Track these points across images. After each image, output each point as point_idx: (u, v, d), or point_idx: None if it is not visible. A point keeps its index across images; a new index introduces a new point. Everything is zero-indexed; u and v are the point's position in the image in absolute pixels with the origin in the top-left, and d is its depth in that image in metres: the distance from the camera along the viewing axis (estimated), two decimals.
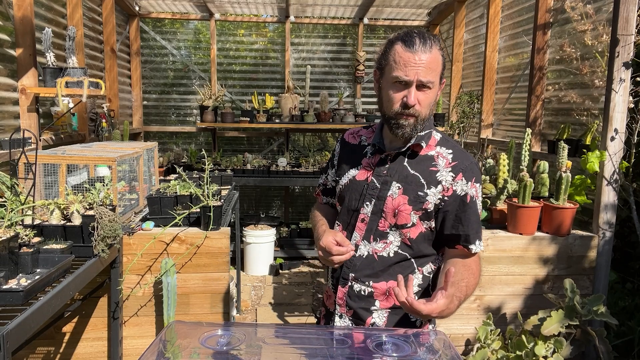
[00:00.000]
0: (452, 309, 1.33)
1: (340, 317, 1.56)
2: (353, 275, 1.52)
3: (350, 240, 1.53)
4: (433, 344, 1.39)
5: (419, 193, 1.44)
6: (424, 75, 1.36)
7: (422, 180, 1.46)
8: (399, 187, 1.46)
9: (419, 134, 1.48)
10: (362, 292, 1.51)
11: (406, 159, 1.49)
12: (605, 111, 2.68)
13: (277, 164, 5.26)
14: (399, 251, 1.48)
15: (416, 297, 1.49)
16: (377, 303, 1.50)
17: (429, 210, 1.45)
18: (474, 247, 1.46)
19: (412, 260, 1.50)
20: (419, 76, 1.36)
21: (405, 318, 1.51)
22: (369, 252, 1.50)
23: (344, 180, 1.59)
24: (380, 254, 1.49)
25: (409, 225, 1.46)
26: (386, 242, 1.49)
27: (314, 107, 5.48)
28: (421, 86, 1.38)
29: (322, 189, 1.76)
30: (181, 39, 5.94)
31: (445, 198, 1.44)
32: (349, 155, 1.63)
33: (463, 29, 5.13)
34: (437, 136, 1.53)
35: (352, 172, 1.58)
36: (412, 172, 1.47)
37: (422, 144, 1.48)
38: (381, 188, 1.49)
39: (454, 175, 1.45)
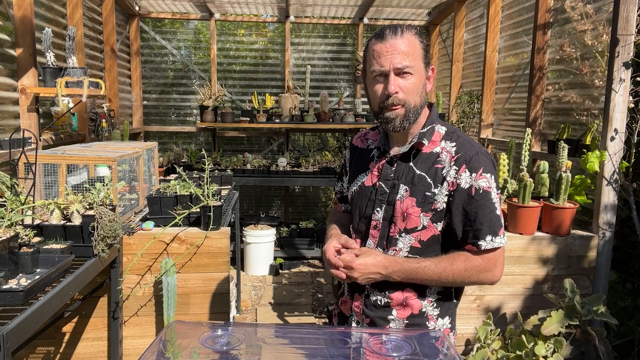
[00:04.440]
0: (407, 273, 1.38)
1: (357, 323, 1.53)
2: (369, 285, 1.47)
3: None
4: (433, 344, 1.39)
5: (427, 193, 1.39)
6: (399, 60, 1.33)
7: (429, 179, 1.40)
8: (406, 189, 1.41)
9: (420, 131, 1.44)
10: (379, 302, 1.47)
11: (412, 159, 1.44)
12: (605, 111, 2.68)
13: (277, 164, 5.26)
14: (409, 255, 1.43)
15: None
16: (394, 312, 1.46)
17: (439, 210, 1.39)
18: (483, 244, 1.35)
19: None
20: (394, 63, 1.33)
21: (424, 328, 1.46)
22: None
23: (354, 187, 1.55)
24: None
25: (419, 228, 1.41)
26: (396, 250, 1.44)
27: (314, 107, 5.48)
28: (400, 73, 1.35)
29: (339, 197, 1.72)
30: (181, 39, 5.94)
31: (452, 193, 1.37)
32: (357, 160, 1.60)
33: (463, 29, 5.13)
34: (441, 130, 1.45)
35: (361, 178, 1.53)
36: (418, 172, 1.42)
37: (424, 141, 1.43)
38: (390, 192, 1.44)
39: (457, 169, 1.37)
